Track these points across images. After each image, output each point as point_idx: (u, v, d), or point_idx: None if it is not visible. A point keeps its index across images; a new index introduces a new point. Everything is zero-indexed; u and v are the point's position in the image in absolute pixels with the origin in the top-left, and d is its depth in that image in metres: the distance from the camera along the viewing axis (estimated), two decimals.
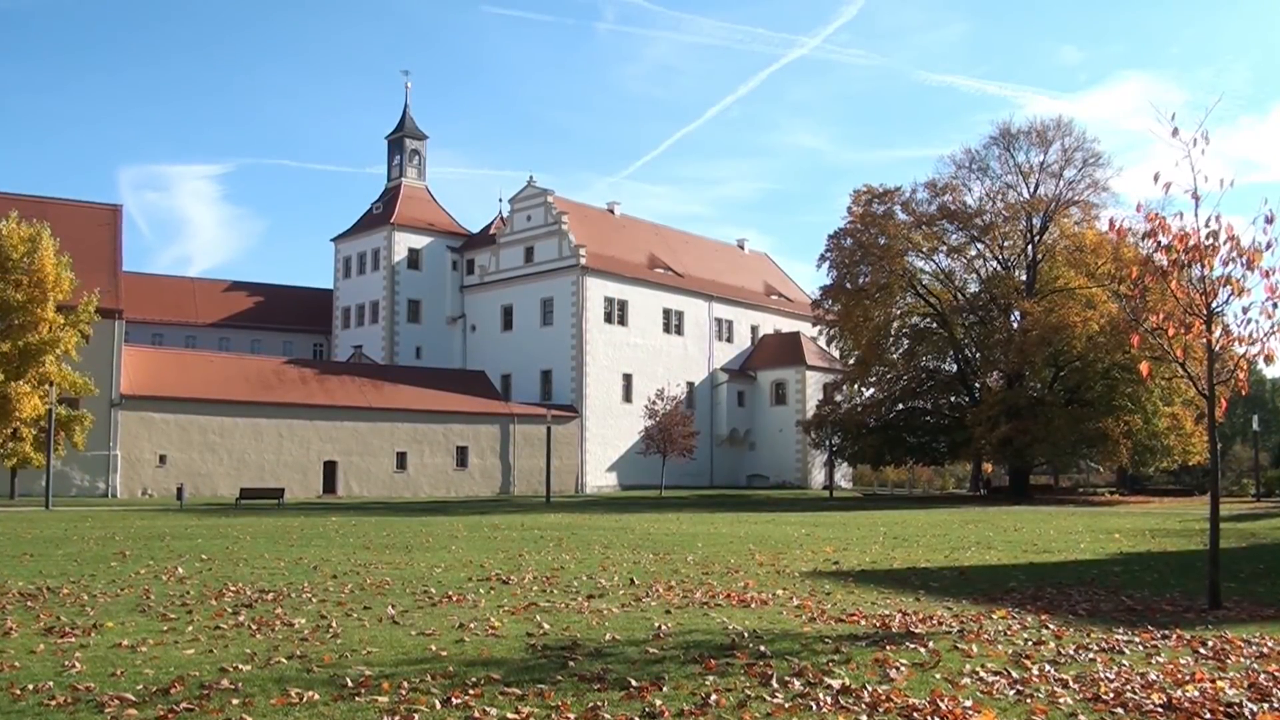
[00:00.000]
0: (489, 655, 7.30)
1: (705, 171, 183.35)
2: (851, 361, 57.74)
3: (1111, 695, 6.04)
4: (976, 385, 53.39)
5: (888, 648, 7.55)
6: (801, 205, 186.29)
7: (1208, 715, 5.64)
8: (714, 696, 5.92)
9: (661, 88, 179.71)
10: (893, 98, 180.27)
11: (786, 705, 5.78)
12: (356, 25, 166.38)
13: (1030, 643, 7.91)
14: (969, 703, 5.82)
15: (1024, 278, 53.53)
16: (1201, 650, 7.64)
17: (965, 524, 26.57)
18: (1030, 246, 53.63)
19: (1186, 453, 49.20)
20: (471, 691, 6.07)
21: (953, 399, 55.52)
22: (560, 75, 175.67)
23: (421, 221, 73.62)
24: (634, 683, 6.26)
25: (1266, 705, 5.84)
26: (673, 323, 70.27)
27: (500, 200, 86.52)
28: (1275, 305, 8.88)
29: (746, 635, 8.15)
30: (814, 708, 5.74)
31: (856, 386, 57.89)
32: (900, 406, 55.52)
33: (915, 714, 5.60)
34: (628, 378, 66.33)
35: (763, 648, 7.54)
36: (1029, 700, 5.94)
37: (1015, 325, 50.91)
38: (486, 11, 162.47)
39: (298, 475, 52.50)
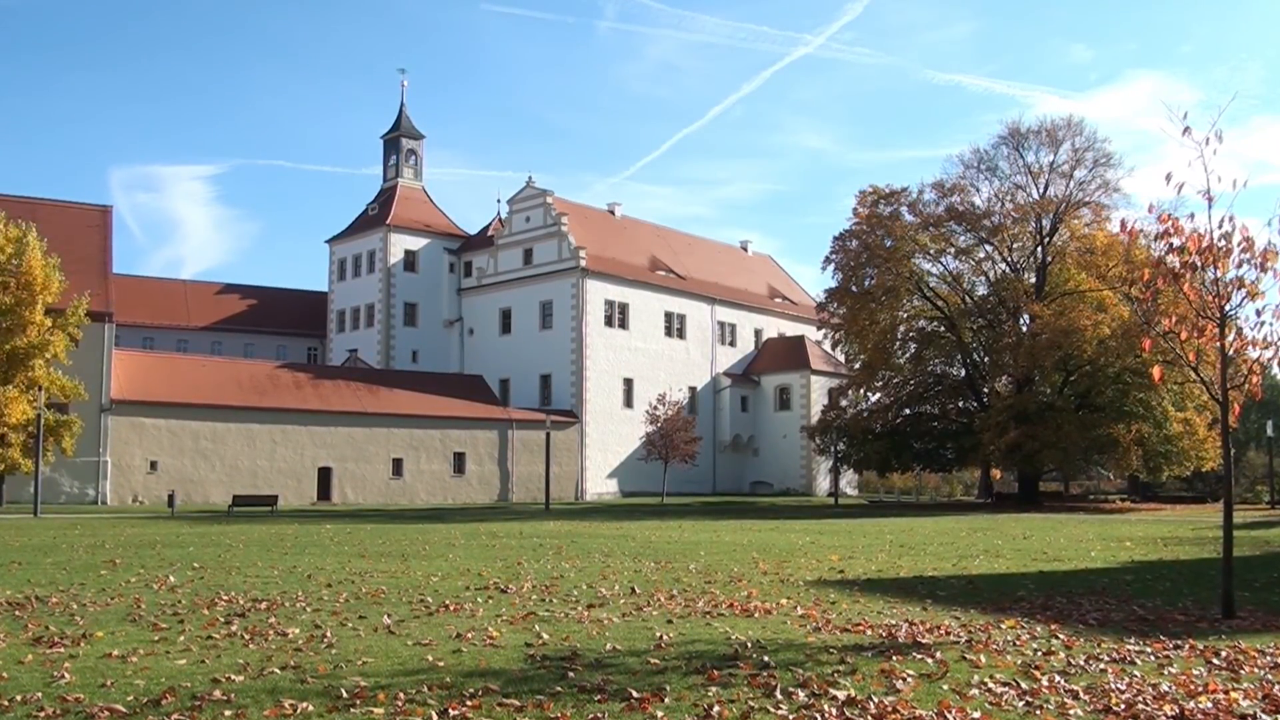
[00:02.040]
0: (487, 666, 7.25)
1: (708, 172, 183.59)
2: (857, 366, 57.50)
3: (1123, 707, 6.00)
4: (985, 390, 53.14)
5: (894, 658, 7.50)
6: (806, 206, 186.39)
7: None
8: (717, 708, 5.87)
9: (663, 87, 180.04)
10: (899, 97, 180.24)
11: (791, 717, 5.74)
12: (352, 23, 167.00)
13: (1040, 653, 7.85)
14: (977, 714, 5.79)
15: (1033, 280, 53.35)
16: (1215, 661, 7.58)
17: (973, 531, 26.52)
18: (1040, 248, 53.43)
19: (1199, 459, 48.91)
20: (469, 703, 6.03)
21: (960, 404, 55.35)
22: (560, 74, 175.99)
23: (418, 223, 73.42)
24: (635, 694, 6.20)
25: None
26: (675, 326, 70.14)
27: (498, 201, 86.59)
28: None
29: (750, 645, 8.09)
30: (819, 719, 5.63)
31: (862, 391, 57.60)
32: (907, 412, 55.34)
33: None
34: (629, 382, 66.21)
35: (766, 658, 7.47)
36: (1038, 712, 5.90)
37: (1024, 329, 50.68)
38: (485, 9, 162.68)
39: (291, 482, 52.35)
